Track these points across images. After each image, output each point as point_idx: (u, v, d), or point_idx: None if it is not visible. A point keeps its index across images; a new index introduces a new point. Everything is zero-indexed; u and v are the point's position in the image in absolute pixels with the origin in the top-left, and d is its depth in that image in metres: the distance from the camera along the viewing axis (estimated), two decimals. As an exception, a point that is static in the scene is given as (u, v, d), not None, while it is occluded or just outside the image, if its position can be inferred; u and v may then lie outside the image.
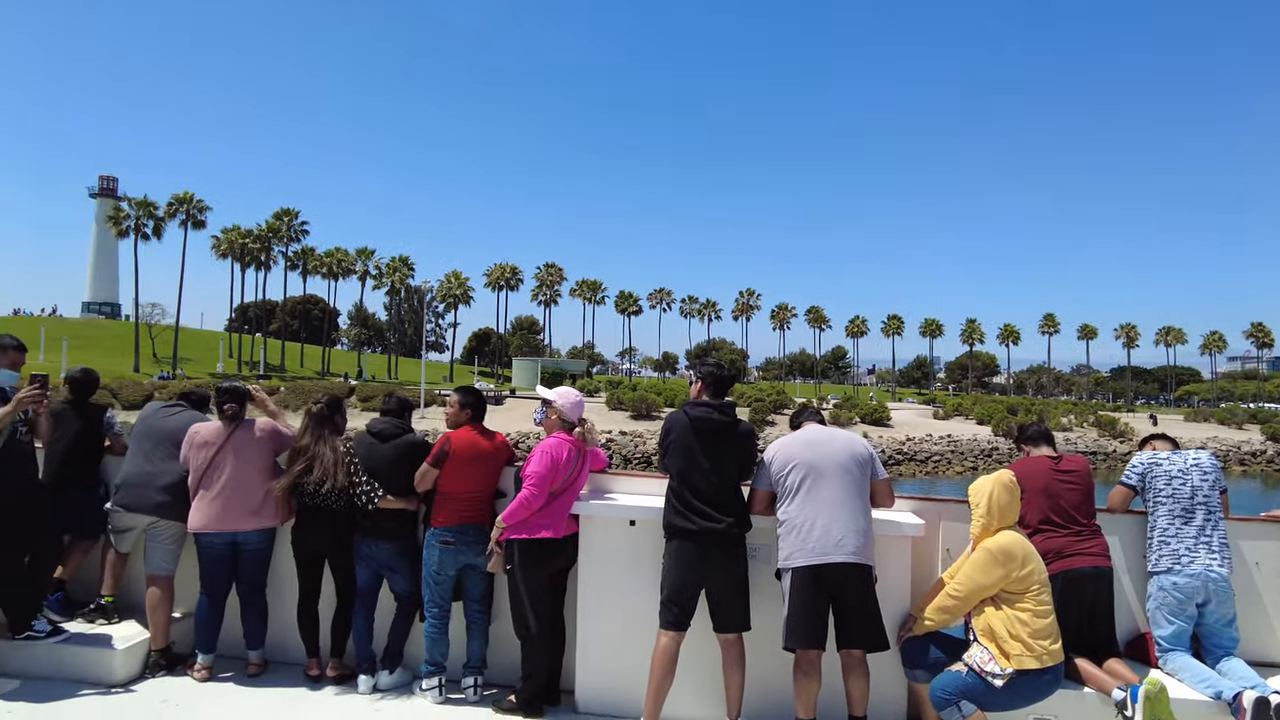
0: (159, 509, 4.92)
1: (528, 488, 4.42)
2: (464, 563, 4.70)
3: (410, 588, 4.88)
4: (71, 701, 4.46)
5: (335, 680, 4.89)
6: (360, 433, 5.03)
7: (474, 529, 4.70)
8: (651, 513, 4.48)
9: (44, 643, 4.77)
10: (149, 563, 4.96)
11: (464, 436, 4.79)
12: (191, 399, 5.44)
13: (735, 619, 4.23)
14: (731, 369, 4.62)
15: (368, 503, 4.77)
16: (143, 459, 5.04)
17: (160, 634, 4.90)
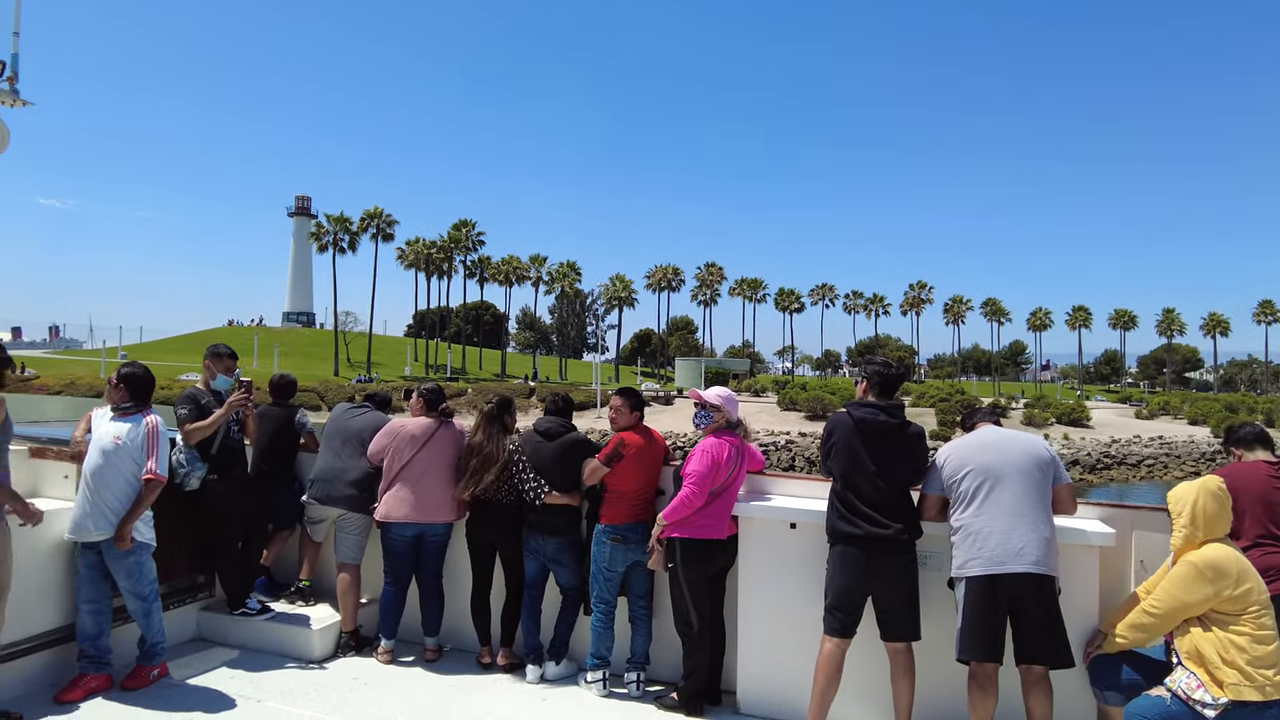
0: (348, 502, 5.32)
1: (688, 486, 4.41)
2: (632, 559, 4.76)
3: (575, 581, 5.00)
4: (278, 672, 4.91)
5: (505, 668, 5.10)
6: (527, 431, 5.20)
7: (641, 527, 4.75)
8: (813, 516, 4.36)
9: (255, 619, 5.29)
10: (339, 551, 5.37)
11: (635, 436, 4.85)
12: (375, 400, 5.85)
13: (904, 628, 4.04)
14: (900, 367, 4.40)
15: (535, 498, 4.93)
16: (333, 456, 5.46)
17: (349, 617, 5.30)
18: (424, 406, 5.35)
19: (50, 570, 4.57)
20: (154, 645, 4.62)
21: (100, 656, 4.49)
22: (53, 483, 4.85)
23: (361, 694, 4.68)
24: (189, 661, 4.96)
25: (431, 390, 5.45)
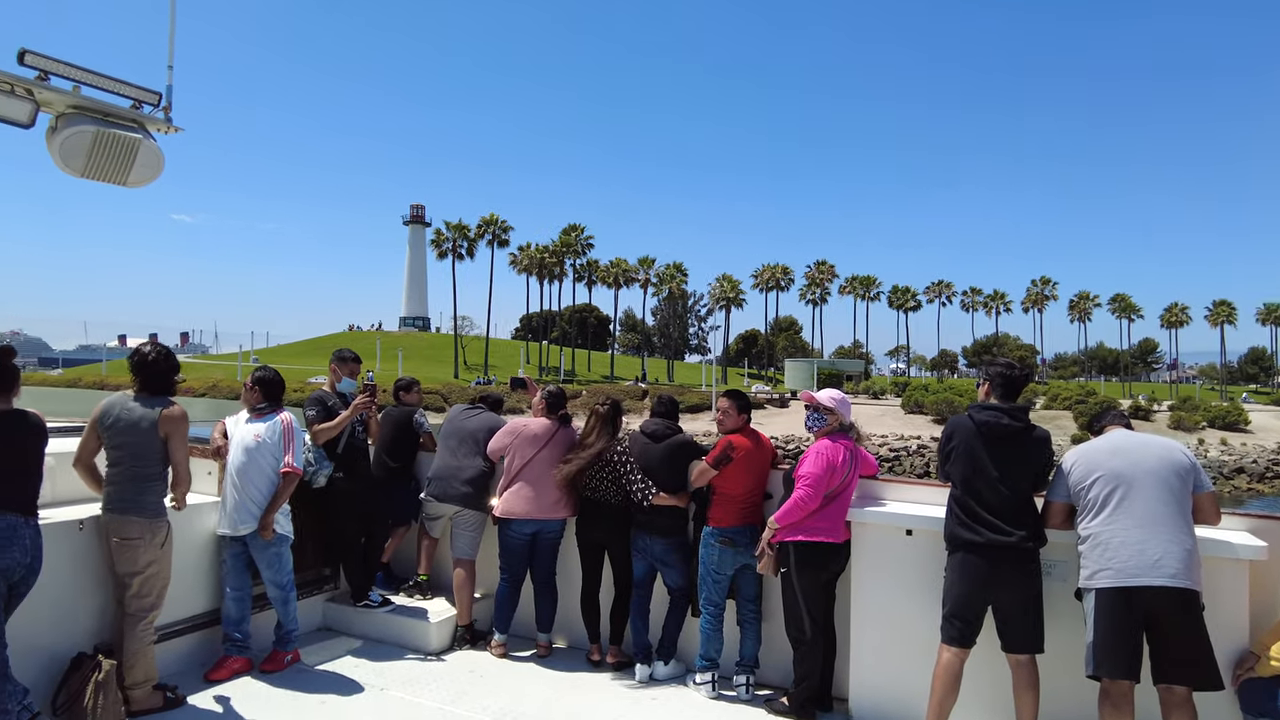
0: (463, 499, 5.50)
1: (802, 489, 4.36)
2: (741, 562, 4.74)
3: (683, 582, 5.02)
4: (399, 663, 5.13)
5: (614, 667, 5.17)
6: (634, 432, 5.26)
7: (750, 530, 4.73)
8: (930, 523, 4.23)
9: (377, 611, 5.55)
10: (455, 547, 5.57)
11: (742, 439, 4.83)
12: (488, 401, 6.04)
13: (1026, 639, 3.85)
14: (1024, 369, 4.21)
15: (643, 499, 4.97)
16: (449, 455, 5.67)
17: (465, 611, 5.48)
18: (545, 408, 5.48)
19: (201, 560, 4.94)
20: (289, 632, 4.92)
21: (242, 640, 4.82)
22: (198, 479, 5.24)
23: (478, 686, 4.84)
24: (318, 649, 5.25)
25: (554, 393, 5.58)
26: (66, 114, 4.37)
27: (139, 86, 4.58)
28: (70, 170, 4.36)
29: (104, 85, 4.44)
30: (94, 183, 4.47)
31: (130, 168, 4.55)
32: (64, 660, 4.15)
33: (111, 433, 4.23)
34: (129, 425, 4.21)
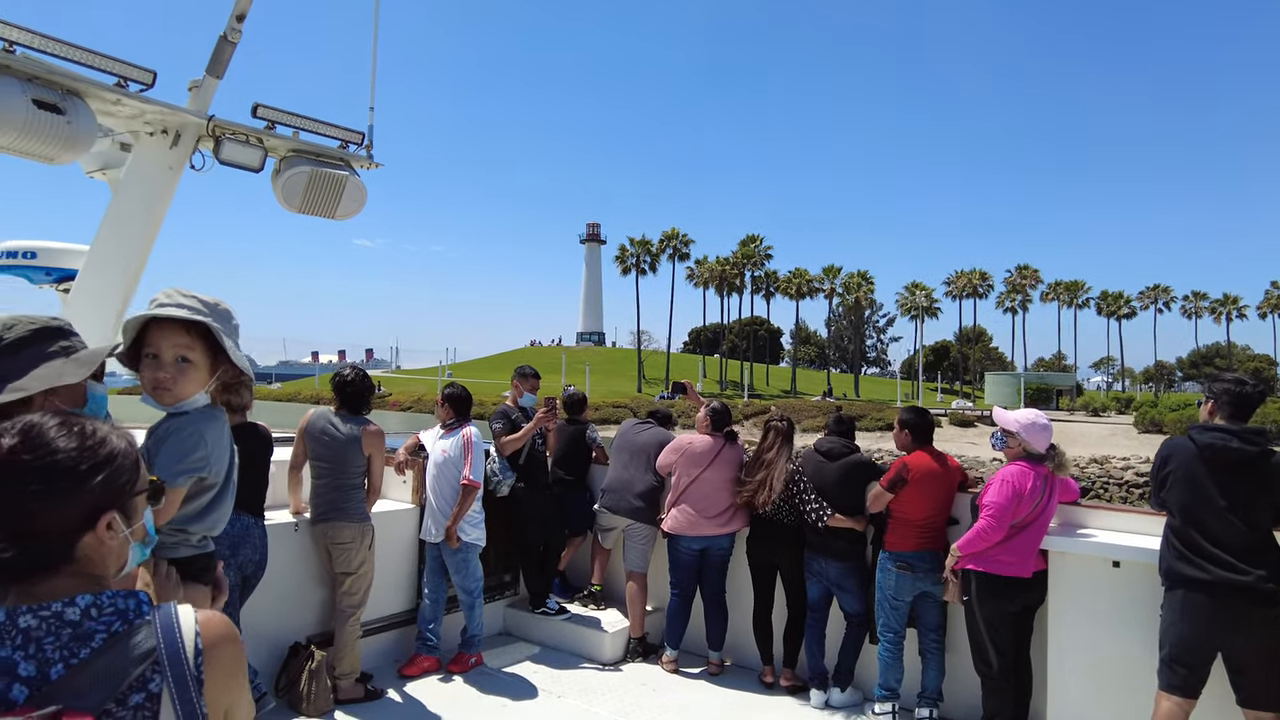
0: (635, 513, 5.59)
1: (985, 518, 4.08)
2: (920, 589, 4.53)
3: (860, 607, 4.84)
4: (575, 671, 5.27)
5: (788, 690, 5.05)
6: (808, 450, 5.14)
7: (931, 555, 4.51)
8: (1140, 554, 3.84)
9: (554, 619, 5.74)
10: (627, 559, 5.67)
11: (920, 460, 4.61)
12: (658, 416, 6.12)
13: (1268, 695, 3.38)
14: (1258, 384, 3.69)
15: (817, 520, 4.84)
16: (621, 468, 5.79)
17: (638, 624, 5.56)
18: (710, 424, 5.48)
19: (399, 563, 5.32)
20: (474, 635, 5.19)
21: (434, 640, 5.14)
22: (394, 486, 5.66)
23: (650, 700, 4.88)
24: (499, 653, 5.50)
25: (718, 409, 5.57)
26: (287, 157, 4.89)
27: (345, 128, 5.04)
28: (289, 207, 4.86)
29: (317, 129, 4.93)
30: (306, 216, 4.98)
31: (338, 202, 5.01)
32: (283, 649, 4.61)
33: (318, 446, 4.67)
34: (336, 441, 4.65)
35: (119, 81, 4.01)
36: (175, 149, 4.38)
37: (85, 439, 1.25)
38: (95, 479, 1.24)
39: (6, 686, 1.11)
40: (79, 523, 1.23)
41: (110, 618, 1.20)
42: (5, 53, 3.64)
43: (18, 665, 1.13)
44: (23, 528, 1.18)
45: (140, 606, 1.24)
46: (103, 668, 1.16)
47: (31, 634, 1.15)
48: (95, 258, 4.40)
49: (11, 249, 5.71)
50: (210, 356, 2.13)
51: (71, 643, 1.16)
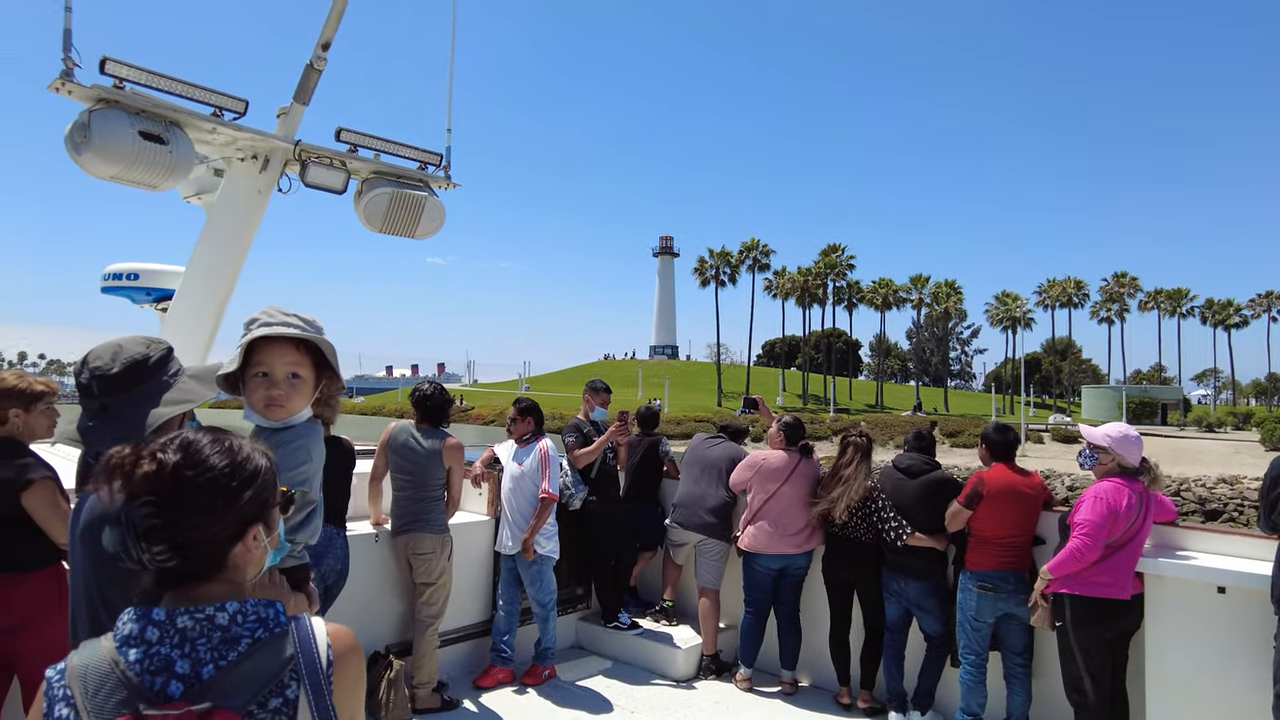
0: (706, 528, 5.55)
1: (1078, 537, 3.91)
2: (1003, 611, 4.37)
3: (941, 629, 4.70)
4: (648, 687, 5.25)
5: (865, 712, 4.93)
6: (886, 467, 5.04)
7: (1014, 576, 4.35)
8: (1250, 580, 3.61)
9: (626, 634, 5.74)
10: (699, 575, 5.62)
11: (998, 476, 4.48)
12: (729, 431, 6.07)
13: None
14: None
15: (896, 538, 4.72)
16: (693, 483, 5.76)
17: (710, 641, 5.50)
18: (784, 439, 5.41)
19: (475, 574, 5.41)
20: (547, 648, 5.23)
21: (508, 652, 5.20)
22: (470, 498, 5.77)
23: (724, 718, 4.82)
24: (572, 666, 5.52)
25: (791, 424, 5.50)
26: (369, 179, 5.06)
27: (424, 150, 5.20)
28: (371, 227, 5.03)
29: (397, 151, 5.09)
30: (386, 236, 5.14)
31: (418, 222, 5.15)
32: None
33: (400, 459, 4.79)
34: (418, 453, 4.76)
35: (215, 111, 4.24)
36: (264, 173, 4.61)
37: (235, 455, 1.35)
38: (246, 494, 1.34)
39: (165, 682, 1.22)
40: (231, 534, 1.33)
41: (254, 624, 1.30)
42: (116, 89, 3.88)
43: (175, 663, 1.24)
44: (185, 538, 1.27)
45: (279, 616, 1.33)
46: (248, 671, 1.25)
47: (187, 634, 1.26)
48: (191, 277, 4.65)
49: (116, 271, 6.10)
50: (315, 372, 2.21)
51: (221, 645, 1.26)
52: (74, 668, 1.24)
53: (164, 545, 1.26)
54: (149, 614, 1.27)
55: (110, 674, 1.22)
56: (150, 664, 1.23)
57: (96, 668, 1.23)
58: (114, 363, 1.88)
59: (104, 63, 3.83)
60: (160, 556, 1.26)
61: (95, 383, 1.87)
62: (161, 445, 1.32)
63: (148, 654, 1.23)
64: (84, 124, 3.80)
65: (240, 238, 4.70)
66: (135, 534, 1.25)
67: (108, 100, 3.86)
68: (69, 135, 3.87)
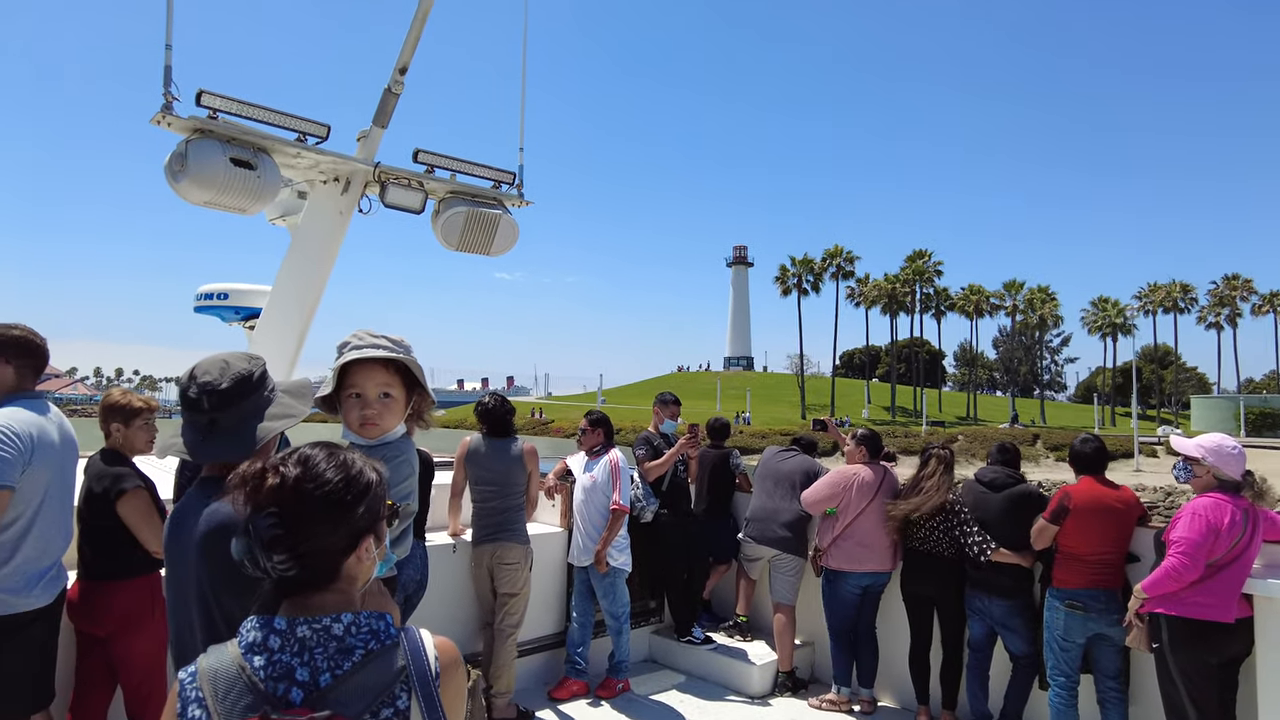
0: (781, 543, 5.47)
1: (1175, 555, 3.71)
2: (1094, 631, 4.18)
3: (1028, 649, 4.53)
4: (722, 703, 5.19)
5: None
6: (969, 480, 4.89)
7: (1105, 594, 4.16)
8: None
9: (699, 648, 5.68)
10: (774, 591, 5.54)
11: (1085, 490, 4.29)
12: (802, 444, 5.97)
13: None
14: None
15: (979, 554, 4.56)
16: (766, 497, 5.68)
17: (786, 657, 5.41)
18: (866, 454, 5.29)
19: (549, 586, 5.45)
20: (621, 661, 5.23)
21: (582, 665, 5.22)
22: (544, 510, 5.83)
23: None
24: (646, 680, 5.49)
25: (868, 436, 5.38)
26: (446, 198, 5.20)
27: (498, 169, 5.30)
28: (448, 245, 5.16)
29: (472, 171, 5.21)
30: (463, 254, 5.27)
31: (493, 240, 5.26)
32: None
33: (482, 470, 4.85)
34: (499, 462, 4.83)
35: (299, 136, 4.42)
36: (346, 195, 4.78)
37: (349, 469, 1.41)
38: (360, 507, 1.40)
39: (287, 689, 1.28)
40: (345, 545, 1.39)
41: (366, 635, 1.35)
42: (210, 119, 4.10)
43: (295, 670, 1.29)
44: (305, 548, 1.34)
45: (389, 628, 1.38)
46: (363, 681, 1.31)
47: (306, 643, 1.31)
48: (277, 297, 4.86)
49: (208, 291, 6.44)
50: (405, 390, 2.28)
51: (337, 655, 1.32)
52: (204, 670, 1.31)
53: (285, 554, 1.32)
54: (271, 623, 1.33)
55: (238, 678, 1.29)
56: (274, 670, 1.29)
57: (225, 672, 1.30)
58: (223, 378, 1.90)
59: (200, 95, 4.05)
60: (282, 565, 1.32)
61: (205, 397, 1.88)
62: (282, 459, 1.38)
63: (270, 661, 1.29)
64: (181, 153, 4.02)
65: (323, 257, 4.88)
66: (261, 543, 1.31)
67: (202, 130, 4.08)
68: (168, 164, 4.11)
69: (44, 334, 3.24)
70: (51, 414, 3.15)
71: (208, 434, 1.88)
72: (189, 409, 1.90)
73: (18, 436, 2.90)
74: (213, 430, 1.88)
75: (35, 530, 3.00)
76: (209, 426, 1.88)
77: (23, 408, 3.02)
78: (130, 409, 3.63)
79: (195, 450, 1.88)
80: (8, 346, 3.09)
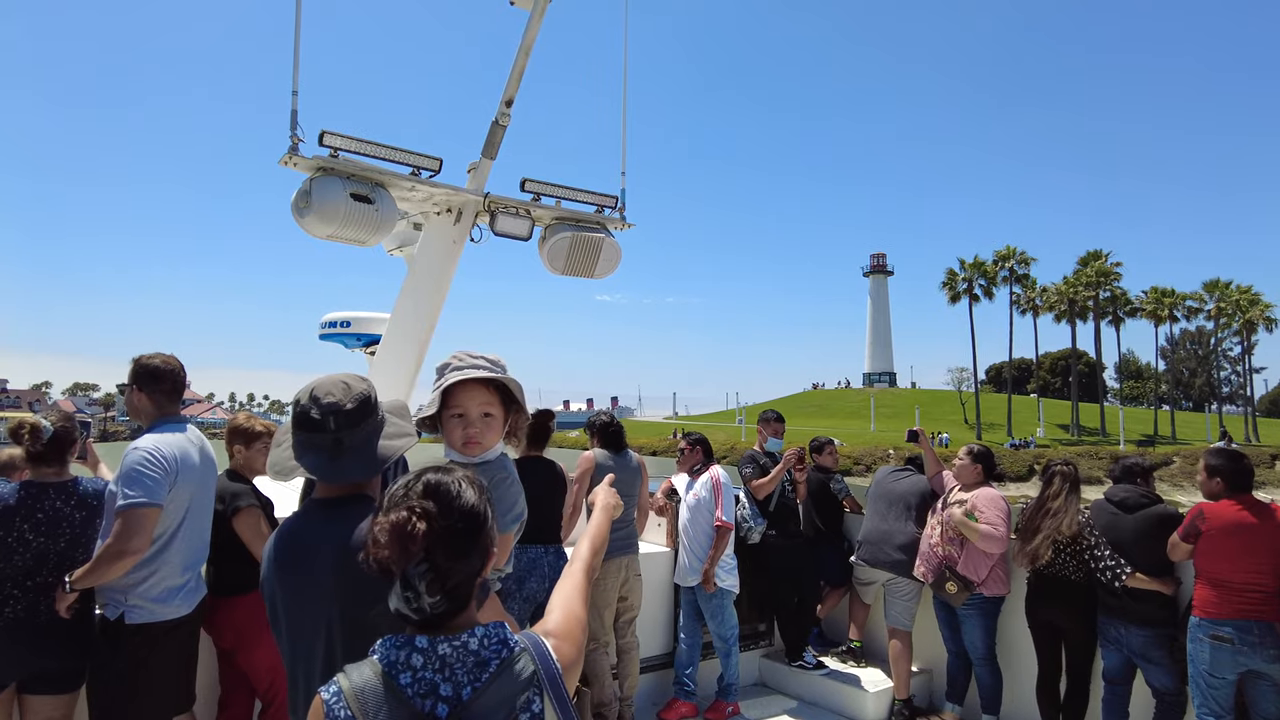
0: (895, 566, 5.29)
1: None
2: (1246, 667, 3.84)
3: (1173, 684, 4.21)
4: None
5: None
6: (1099, 500, 4.61)
7: (1260, 626, 3.82)
8: None
9: (811, 673, 5.55)
10: (889, 616, 5.36)
11: (1224, 509, 3.98)
12: (916, 463, 5.79)
13: None
14: None
15: (1113, 579, 4.29)
16: (879, 519, 5.52)
17: (903, 685, 5.21)
18: (982, 472, 5.10)
19: (659, 605, 5.45)
20: (730, 684, 5.16)
21: (690, 686, 5.18)
22: (650, 529, 5.83)
23: None
24: (756, 704, 5.40)
25: (982, 453, 5.18)
26: (551, 225, 5.33)
27: (601, 194, 5.40)
28: (554, 270, 5.28)
29: (575, 197, 5.32)
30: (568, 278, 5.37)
31: (596, 263, 5.35)
32: None
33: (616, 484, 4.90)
34: (625, 473, 4.93)
35: (413, 170, 4.63)
36: (458, 225, 4.96)
37: (469, 495, 1.46)
38: (488, 528, 1.46)
39: (433, 705, 1.35)
40: (479, 569, 1.45)
41: (497, 646, 1.42)
42: (332, 158, 4.35)
43: (439, 686, 1.37)
44: (453, 583, 1.40)
45: (511, 635, 1.45)
46: (499, 690, 1.37)
47: (447, 660, 1.38)
48: (396, 324, 5.08)
49: (332, 320, 6.80)
50: (504, 409, 2.34)
51: (475, 668, 1.38)
52: (349, 689, 1.37)
53: (440, 595, 1.38)
54: (413, 641, 1.39)
55: (386, 696, 1.35)
56: (419, 687, 1.35)
57: (372, 690, 1.36)
58: (347, 399, 1.91)
59: (322, 135, 4.30)
60: (439, 606, 1.38)
61: (331, 418, 1.88)
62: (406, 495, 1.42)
63: (415, 678, 1.36)
64: (306, 190, 4.28)
65: (438, 285, 5.07)
66: (417, 590, 1.36)
67: (325, 169, 4.33)
68: (294, 202, 4.37)
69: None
70: (192, 436, 3.39)
71: (334, 454, 1.90)
72: (310, 430, 1.89)
73: (165, 459, 3.13)
74: (339, 450, 1.90)
75: (177, 544, 3.22)
76: (334, 446, 1.90)
77: (168, 431, 3.27)
78: (251, 432, 3.88)
79: (322, 471, 1.90)
80: (143, 376, 3.35)
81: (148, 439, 3.18)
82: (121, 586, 3.10)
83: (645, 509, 5.20)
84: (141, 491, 3.02)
